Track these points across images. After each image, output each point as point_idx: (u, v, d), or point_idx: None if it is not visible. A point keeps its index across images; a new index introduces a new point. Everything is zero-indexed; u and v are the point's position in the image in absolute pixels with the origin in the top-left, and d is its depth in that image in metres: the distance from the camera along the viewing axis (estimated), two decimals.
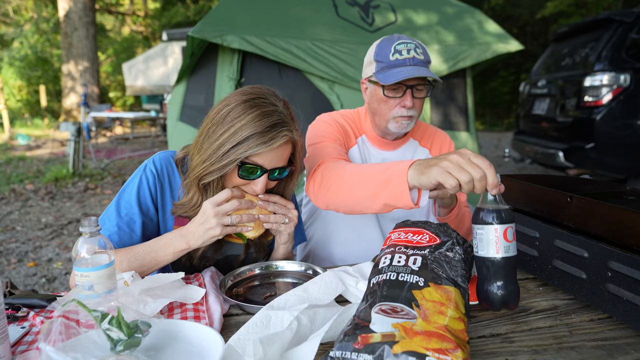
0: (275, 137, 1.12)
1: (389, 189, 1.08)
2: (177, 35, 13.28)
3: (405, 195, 1.05)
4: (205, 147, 1.15)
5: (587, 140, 4.43)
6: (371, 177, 1.15)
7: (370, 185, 1.14)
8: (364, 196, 1.16)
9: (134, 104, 19.44)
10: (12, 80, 17.88)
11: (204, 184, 1.20)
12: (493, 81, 16.51)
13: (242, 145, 1.10)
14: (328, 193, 1.28)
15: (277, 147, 1.15)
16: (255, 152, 1.11)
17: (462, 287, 0.88)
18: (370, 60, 1.45)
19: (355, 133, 1.58)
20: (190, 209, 1.23)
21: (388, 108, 1.44)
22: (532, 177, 1.42)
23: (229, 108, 1.14)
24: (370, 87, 1.48)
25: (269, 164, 1.17)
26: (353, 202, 1.21)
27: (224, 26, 3.22)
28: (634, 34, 4.41)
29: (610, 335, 0.95)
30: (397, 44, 1.39)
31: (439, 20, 3.87)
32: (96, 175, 7.22)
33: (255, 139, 1.10)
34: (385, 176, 1.10)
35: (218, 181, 1.20)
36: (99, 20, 19.02)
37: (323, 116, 1.58)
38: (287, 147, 1.19)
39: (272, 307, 0.98)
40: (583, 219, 1.11)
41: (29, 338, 0.93)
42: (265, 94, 1.17)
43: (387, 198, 1.10)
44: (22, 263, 3.74)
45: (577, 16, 13.66)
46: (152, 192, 1.25)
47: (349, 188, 1.21)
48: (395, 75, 1.35)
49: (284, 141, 1.15)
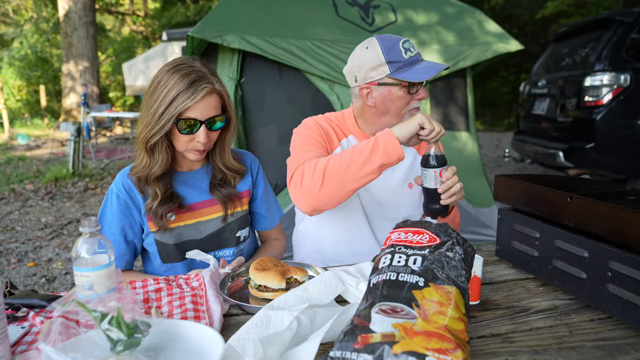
0: (197, 90, 1.30)
1: (380, 149, 1.27)
2: (177, 35, 13.28)
3: (397, 148, 1.27)
4: (144, 115, 1.34)
5: (587, 140, 4.43)
6: (357, 151, 1.29)
7: (360, 156, 1.28)
8: (356, 168, 1.28)
9: (134, 104, 19.43)
10: (12, 80, 17.86)
11: (150, 146, 1.35)
12: (493, 81, 16.51)
13: (172, 104, 1.29)
14: (314, 189, 1.30)
15: (202, 99, 1.31)
16: (184, 107, 1.29)
17: (462, 287, 0.88)
18: (378, 62, 1.42)
19: (339, 135, 1.59)
20: (141, 170, 1.38)
21: (404, 104, 1.47)
22: (532, 177, 1.42)
23: (158, 79, 1.33)
24: (380, 89, 1.46)
25: (202, 115, 1.32)
26: (346, 181, 1.29)
27: (224, 26, 3.21)
28: (634, 34, 4.41)
29: (610, 335, 0.95)
30: (403, 43, 1.43)
31: (439, 20, 3.87)
32: (96, 175, 7.22)
33: (181, 96, 1.29)
34: (371, 143, 1.29)
35: (163, 141, 1.35)
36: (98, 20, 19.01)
37: (306, 120, 1.60)
38: (212, 97, 1.34)
39: (272, 307, 0.98)
40: (583, 219, 1.11)
41: (29, 338, 0.93)
42: (184, 60, 1.36)
43: (381, 159, 1.27)
44: (22, 263, 3.74)
45: (577, 16, 13.65)
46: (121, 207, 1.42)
47: (337, 170, 1.29)
48: (422, 72, 1.40)
49: (207, 92, 1.31)
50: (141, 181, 1.40)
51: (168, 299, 1.11)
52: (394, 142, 1.27)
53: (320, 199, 1.31)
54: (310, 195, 1.31)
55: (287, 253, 2.86)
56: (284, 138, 3.24)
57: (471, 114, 3.91)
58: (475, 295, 1.11)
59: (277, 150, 3.35)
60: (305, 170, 1.34)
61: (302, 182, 1.33)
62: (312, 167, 1.32)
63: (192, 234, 1.47)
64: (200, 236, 1.49)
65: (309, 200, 1.33)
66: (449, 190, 1.31)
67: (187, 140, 1.35)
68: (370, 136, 1.58)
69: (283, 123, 3.33)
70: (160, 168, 1.37)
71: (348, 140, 1.60)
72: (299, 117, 1.70)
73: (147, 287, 1.17)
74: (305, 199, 1.33)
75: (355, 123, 1.60)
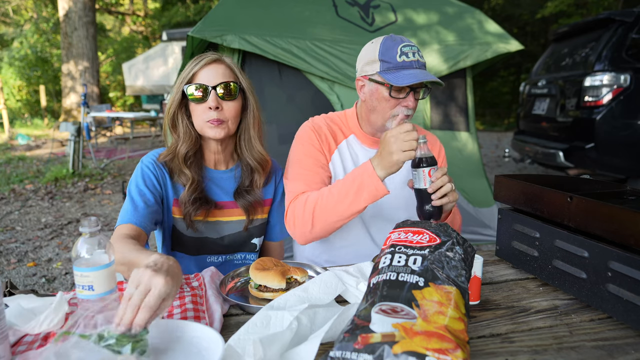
0: (203, 57, 1.38)
1: (364, 193, 1.34)
2: (177, 35, 13.27)
3: (381, 188, 1.33)
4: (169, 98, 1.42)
5: (587, 140, 4.43)
6: (343, 192, 1.36)
7: (346, 198, 1.35)
8: (343, 209, 1.37)
9: (134, 104, 19.43)
10: (12, 80, 17.85)
11: (173, 123, 1.41)
12: (493, 81, 16.51)
13: (183, 74, 1.38)
14: (306, 228, 1.43)
15: (208, 64, 1.37)
16: (192, 72, 1.36)
17: (462, 287, 0.88)
18: (373, 58, 1.45)
19: (339, 137, 1.60)
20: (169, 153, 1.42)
21: (389, 107, 1.45)
22: (532, 177, 1.42)
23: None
24: (370, 85, 1.48)
25: (210, 81, 1.35)
26: (334, 219, 1.39)
27: (224, 26, 3.21)
28: (634, 34, 4.41)
29: (610, 335, 0.95)
30: (403, 46, 1.41)
31: (439, 20, 3.87)
32: (96, 175, 7.22)
33: (190, 64, 1.38)
34: (356, 185, 1.34)
35: (183, 117, 1.41)
36: (99, 20, 19.01)
37: (306, 126, 1.60)
38: (220, 65, 1.39)
39: (272, 307, 0.98)
40: (583, 219, 1.11)
41: (29, 338, 0.93)
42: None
43: (366, 200, 1.35)
44: (22, 263, 3.74)
45: (577, 16, 13.65)
46: (154, 174, 1.42)
47: (325, 212, 1.39)
48: (406, 78, 1.37)
49: (213, 59, 1.38)
50: (171, 167, 1.43)
51: None
52: (377, 184, 1.32)
53: (313, 236, 1.46)
54: (304, 234, 1.45)
55: (288, 253, 2.87)
56: (284, 138, 3.24)
57: (471, 114, 3.91)
58: (475, 295, 1.11)
59: (277, 150, 3.34)
60: (296, 210, 1.45)
61: (294, 222, 1.46)
62: (302, 207, 1.43)
63: (210, 232, 1.49)
64: (217, 236, 1.50)
65: (303, 238, 1.47)
66: (439, 190, 1.30)
67: (202, 111, 1.37)
68: (370, 136, 1.58)
69: (283, 123, 3.34)
70: (186, 145, 1.40)
71: (348, 141, 1.60)
72: (299, 117, 1.71)
73: None
74: (300, 237, 1.47)
75: (357, 121, 1.60)
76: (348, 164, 1.58)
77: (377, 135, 1.58)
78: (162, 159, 1.43)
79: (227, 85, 1.36)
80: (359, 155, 1.60)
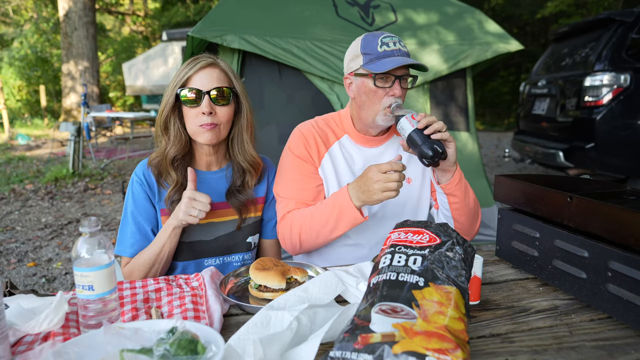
0: (197, 61, 1.37)
1: (344, 221, 1.40)
2: (177, 35, 13.28)
3: (359, 219, 1.38)
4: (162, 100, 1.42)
5: (587, 140, 4.43)
6: (324, 218, 1.42)
7: (327, 224, 1.42)
8: (326, 234, 1.44)
9: (134, 104, 19.42)
10: (12, 80, 17.85)
11: (165, 125, 1.41)
12: (493, 81, 16.51)
13: (177, 77, 1.38)
14: (295, 249, 1.53)
15: (202, 68, 1.37)
16: (185, 77, 1.36)
17: (462, 287, 0.88)
18: (355, 54, 1.48)
19: (331, 140, 1.60)
20: (158, 155, 1.43)
21: (377, 98, 1.46)
22: (532, 177, 1.42)
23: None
24: (356, 80, 1.50)
25: (204, 85, 1.36)
26: (320, 241, 1.48)
27: (224, 26, 3.21)
28: (634, 34, 4.41)
29: (610, 335, 0.95)
30: (383, 37, 1.44)
31: (439, 20, 3.87)
32: (96, 175, 7.22)
33: (185, 67, 1.38)
34: (336, 212, 1.40)
35: (175, 120, 1.40)
36: (99, 20, 19.01)
37: (293, 135, 1.60)
38: (214, 69, 1.39)
39: (272, 307, 0.98)
40: (583, 219, 1.11)
41: (29, 338, 0.93)
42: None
43: (347, 226, 1.41)
44: (22, 263, 3.74)
45: (577, 16, 13.65)
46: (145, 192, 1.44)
47: (309, 237, 1.47)
48: (387, 64, 1.39)
49: (208, 63, 1.38)
50: (159, 169, 1.42)
51: (168, 299, 1.10)
52: (354, 213, 1.37)
53: (303, 252, 1.57)
54: (295, 251, 1.55)
55: (287, 253, 2.86)
56: (283, 138, 3.23)
57: (471, 114, 3.91)
58: (475, 295, 1.11)
59: (277, 150, 3.33)
60: (284, 233, 1.52)
61: (284, 242, 1.54)
62: (289, 230, 1.49)
63: (203, 234, 1.48)
64: (210, 237, 1.49)
65: (294, 253, 1.57)
66: (430, 125, 1.30)
67: (195, 115, 1.37)
68: (363, 134, 1.59)
69: (283, 123, 3.34)
70: (175, 148, 1.41)
71: (341, 142, 1.61)
72: (298, 117, 1.71)
73: (147, 287, 1.17)
74: (291, 252, 1.56)
75: (350, 121, 1.61)
76: (340, 166, 1.58)
77: (370, 132, 1.59)
78: (151, 162, 1.44)
79: (221, 90, 1.38)
80: (353, 155, 1.60)
